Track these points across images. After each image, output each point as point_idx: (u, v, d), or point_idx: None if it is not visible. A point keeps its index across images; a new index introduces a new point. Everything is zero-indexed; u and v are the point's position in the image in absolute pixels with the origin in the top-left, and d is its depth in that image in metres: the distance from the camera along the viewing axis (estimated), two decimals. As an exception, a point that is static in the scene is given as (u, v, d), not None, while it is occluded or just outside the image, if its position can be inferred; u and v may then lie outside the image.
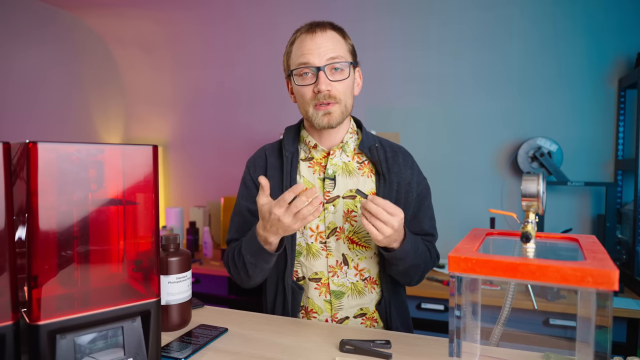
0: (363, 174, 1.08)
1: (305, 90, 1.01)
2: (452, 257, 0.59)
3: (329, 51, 0.99)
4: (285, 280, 1.06)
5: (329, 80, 0.99)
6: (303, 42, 1.00)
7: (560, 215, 2.17)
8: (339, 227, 1.05)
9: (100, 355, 0.64)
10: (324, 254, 1.05)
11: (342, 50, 1.01)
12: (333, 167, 1.07)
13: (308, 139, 1.09)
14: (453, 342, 0.62)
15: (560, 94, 2.19)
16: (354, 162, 1.08)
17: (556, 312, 1.60)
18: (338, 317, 1.06)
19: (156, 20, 2.81)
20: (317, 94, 0.99)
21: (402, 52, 2.44)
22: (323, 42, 0.99)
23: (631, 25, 2.06)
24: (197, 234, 2.61)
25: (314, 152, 1.09)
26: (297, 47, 1.02)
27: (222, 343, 0.86)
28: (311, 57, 0.98)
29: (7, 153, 0.56)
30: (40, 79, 2.66)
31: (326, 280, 1.06)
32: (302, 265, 1.07)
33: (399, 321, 1.09)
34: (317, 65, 0.98)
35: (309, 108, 1.02)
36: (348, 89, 1.03)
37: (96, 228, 0.64)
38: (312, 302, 1.07)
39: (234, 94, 2.89)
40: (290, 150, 1.08)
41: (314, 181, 1.08)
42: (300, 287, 1.07)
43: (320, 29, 1.00)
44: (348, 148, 1.08)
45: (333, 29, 1.02)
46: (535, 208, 0.64)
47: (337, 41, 1.01)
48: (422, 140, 2.41)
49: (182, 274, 0.92)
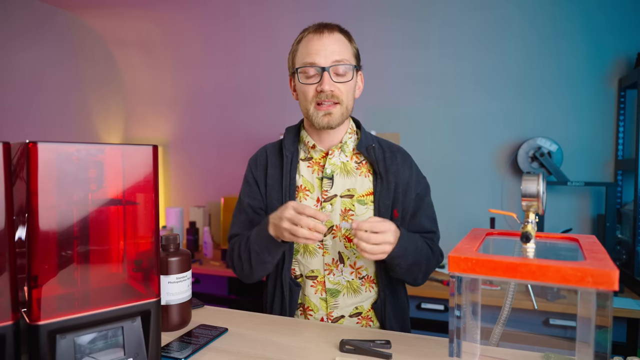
0: (361, 173, 1.09)
1: (308, 89, 1.03)
2: (452, 257, 0.59)
3: (335, 53, 1.00)
4: (283, 278, 1.08)
5: (333, 81, 1.00)
6: (310, 42, 1.02)
7: (560, 215, 2.17)
8: (335, 225, 1.06)
9: (100, 355, 0.64)
10: (320, 252, 1.07)
11: (348, 53, 1.03)
12: (331, 166, 1.08)
13: (307, 139, 1.11)
14: (453, 342, 0.62)
15: (560, 94, 2.19)
16: (352, 162, 1.10)
17: (556, 312, 1.60)
18: (334, 316, 1.07)
19: (156, 20, 2.81)
20: (320, 93, 1.01)
21: (402, 53, 2.44)
22: (330, 43, 1.00)
23: (631, 25, 2.06)
24: (197, 234, 2.61)
25: (313, 152, 1.11)
26: (303, 46, 1.04)
27: (222, 343, 0.86)
28: (317, 57, 1.00)
29: (7, 153, 0.56)
30: (40, 78, 2.66)
31: (322, 278, 1.07)
32: (300, 263, 1.10)
33: (395, 321, 1.09)
34: (322, 66, 1.00)
35: (310, 107, 1.04)
36: (350, 91, 1.05)
37: (96, 228, 0.64)
38: (308, 300, 1.09)
39: (234, 94, 2.89)
40: (290, 150, 1.10)
41: (313, 180, 1.09)
42: (297, 284, 1.09)
43: (328, 30, 1.02)
44: (347, 148, 1.10)
45: (340, 32, 1.04)
46: (535, 208, 0.64)
47: (343, 44, 1.03)
48: (422, 141, 2.41)
49: (182, 274, 0.92)
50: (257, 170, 1.14)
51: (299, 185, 1.10)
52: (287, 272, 1.08)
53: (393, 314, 1.08)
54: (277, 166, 1.12)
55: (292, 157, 1.09)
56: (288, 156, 1.09)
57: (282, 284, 1.09)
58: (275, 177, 1.11)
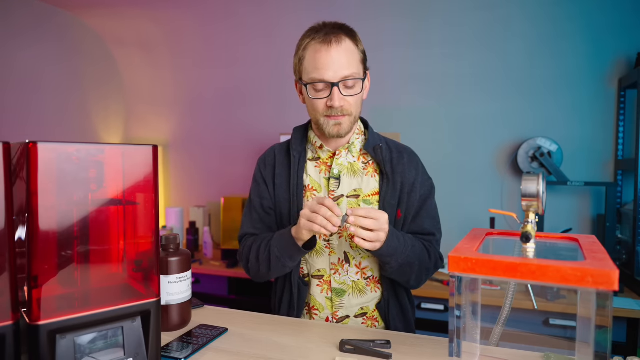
0: (367, 173, 1.09)
1: (318, 103, 1.02)
2: (452, 257, 0.59)
3: (344, 68, 0.98)
4: (292, 277, 1.09)
5: (342, 95, 1.00)
6: (318, 54, 0.99)
7: (560, 215, 2.17)
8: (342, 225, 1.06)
9: (100, 355, 0.64)
10: (327, 251, 1.08)
11: (355, 63, 1.01)
12: (339, 167, 1.09)
13: (315, 140, 1.12)
14: (453, 342, 0.62)
15: (560, 94, 2.19)
16: (359, 163, 1.10)
17: (556, 312, 1.60)
18: (339, 316, 1.08)
19: (155, 19, 2.81)
20: (330, 107, 1.00)
21: (402, 52, 2.44)
22: (338, 57, 0.98)
23: (631, 25, 2.06)
24: (197, 234, 2.61)
25: (320, 153, 1.12)
26: (311, 57, 1.00)
27: (222, 343, 0.86)
28: (326, 73, 0.98)
29: (7, 153, 0.56)
30: (40, 78, 2.66)
31: (328, 278, 1.08)
32: (307, 262, 1.11)
33: (399, 321, 1.09)
34: (331, 81, 0.98)
35: (320, 118, 1.03)
36: (359, 101, 1.05)
37: (96, 228, 0.64)
38: (314, 299, 1.09)
39: (234, 94, 2.89)
40: (298, 150, 1.11)
41: (320, 180, 1.10)
42: (305, 283, 1.10)
43: (336, 41, 0.98)
44: (354, 148, 1.10)
45: (347, 37, 1.00)
46: (535, 208, 0.64)
47: (351, 54, 1.00)
48: (423, 141, 2.41)
49: (182, 274, 0.92)
50: (265, 169, 1.16)
51: (306, 184, 1.10)
52: (295, 271, 1.09)
53: (397, 314, 1.09)
54: (285, 166, 1.13)
55: (299, 157, 1.10)
56: (295, 156, 1.10)
57: (290, 284, 1.10)
58: (283, 176, 1.12)
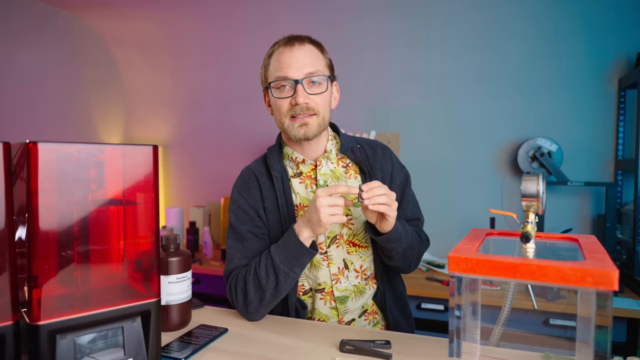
0: (350, 176, 1.09)
1: (282, 103, 1.01)
2: (452, 257, 0.59)
3: (307, 65, 0.99)
4: (289, 300, 1.05)
5: (307, 93, 0.99)
6: (281, 55, 1.01)
7: (560, 215, 2.17)
8: (338, 234, 1.06)
9: (100, 355, 0.64)
10: (324, 264, 1.06)
11: (320, 64, 1.02)
12: (323, 176, 1.08)
13: (294, 155, 1.09)
14: (453, 342, 0.62)
15: (560, 94, 2.19)
16: (339, 168, 1.10)
17: (556, 312, 1.60)
18: (345, 321, 1.07)
19: (156, 20, 2.81)
20: (294, 106, 0.99)
21: (402, 52, 2.44)
22: (301, 55, 0.99)
23: (631, 25, 2.06)
24: (197, 234, 2.61)
25: (302, 167, 1.09)
26: (275, 60, 1.02)
27: (222, 343, 0.86)
28: (289, 70, 0.99)
29: (7, 153, 0.56)
30: (40, 78, 2.66)
31: (330, 289, 1.06)
32: (307, 277, 1.08)
33: (396, 309, 1.10)
34: (295, 78, 0.98)
35: (285, 120, 1.02)
36: (326, 102, 1.04)
37: (96, 228, 0.64)
38: (318, 312, 1.07)
39: (234, 94, 2.89)
40: (278, 169, 1.07)
41: (309, 195, 1.08)
42: (304, 305, 1.07)
43: (299, 43, 1.00)
44: (332, 155, 1.10)
45: (311, 43, 1.03)
46: (535, 208, 0.64)
47: (315, 55, 1.02)
48: (423, 141, 2.41)
49: (182, 274, 0.92)
50: (250, 195, 1.08)
51: (297, 203, 1.07)
52: (293, 293, 1.05)
53: (392, 302, 1.10)
54: (270, 187, 1.08)
55: (281, 177, 1.07)
56: (277, 176, 1.06)
57: (288, 308, 1.06)
58: (271, 198, 1.07)
